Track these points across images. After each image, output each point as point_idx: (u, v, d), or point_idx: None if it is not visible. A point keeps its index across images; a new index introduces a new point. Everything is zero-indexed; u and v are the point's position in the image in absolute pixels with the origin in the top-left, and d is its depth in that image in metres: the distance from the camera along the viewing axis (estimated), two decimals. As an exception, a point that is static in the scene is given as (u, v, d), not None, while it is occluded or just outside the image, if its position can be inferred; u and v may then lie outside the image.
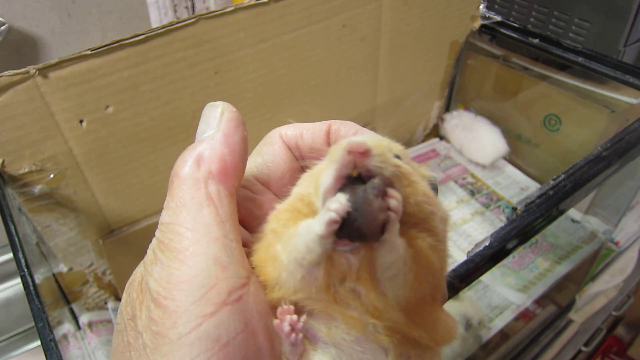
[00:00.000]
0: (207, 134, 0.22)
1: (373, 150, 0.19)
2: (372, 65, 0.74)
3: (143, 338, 0.19)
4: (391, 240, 0.19)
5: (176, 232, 0.20)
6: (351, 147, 0.19)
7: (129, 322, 0.20)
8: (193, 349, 0.18)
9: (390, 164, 0.19)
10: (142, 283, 0.20)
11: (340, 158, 0.19)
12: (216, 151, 0.21)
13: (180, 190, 0.21)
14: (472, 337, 0.65)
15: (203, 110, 0.24)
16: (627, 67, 0.63)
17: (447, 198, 0.86)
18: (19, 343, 0.70)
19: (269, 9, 0.57)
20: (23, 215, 0.53)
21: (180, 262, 0.19)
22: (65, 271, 0.61)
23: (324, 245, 0.19)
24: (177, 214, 0.20)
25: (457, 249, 0.77)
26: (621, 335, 1.21)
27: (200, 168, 0.21)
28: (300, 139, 0.25)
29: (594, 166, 0.47)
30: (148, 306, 0.19)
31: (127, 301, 0.21)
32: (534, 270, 0.74)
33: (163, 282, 0.19)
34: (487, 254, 0.40)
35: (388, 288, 0.19)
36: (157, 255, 0.20)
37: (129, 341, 0.20)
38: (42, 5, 0.70)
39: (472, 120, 0.90)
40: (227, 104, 0.23)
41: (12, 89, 0.46)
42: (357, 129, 0.25)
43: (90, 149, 0.54)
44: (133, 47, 0.50)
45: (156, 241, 0.20)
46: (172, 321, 0.18)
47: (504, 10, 0.88)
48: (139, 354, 0.19)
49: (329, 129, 0.25)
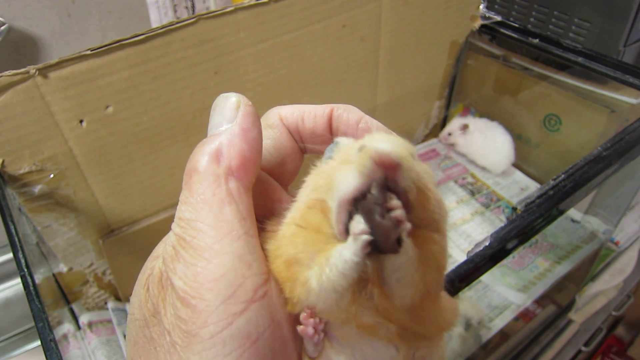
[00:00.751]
0: (224, 128, 0.22)
1: (403, 165, 0.17)
2: (372, 65, 0.74)
3: (172, 336, 0.19)
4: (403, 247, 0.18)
5: (199, 229, 0.20)
6: (381, 159, 0.17)
7: (151, 318, 0.20)
8: (226, 347, 0.18)
9: (418, 180, 0.18)
10: (163, 279, 0.20)
11: (365, 169, 0.18)
12: (235, 146, 0.21)
13: (201, 185, 0.20)
14: (472, 337, 0.65)
15: (216, 101, 0.23)
16: (627, 67, 0.63)
17: (447, 198, 0.86)
18: (19, 343, 0.70)
19: (269, 9, 0.57)
20: (23, 215, 0.53)
21: (205, 261, 0.19)
22: (65, 271, 0.61)
23: (359, 269, 0.18)
24: (198, 210, 0.20)
25: (457, 249, 0.77)
26: (621, 335, 1.21)
27: (220, 163, 0.21)
28: (301, 122, 0.25)
29: (594, 166, 0.47)
30: (174, 304, 0.19)
31: (147, 297, 0.21)
32: (534, 270, 0.74)
33: (190, 281, 0.19)
34: (487, 254, 0.40)
35: (395, 289, 0.19)
36: (180, 253, 0.20)
37: (152, 337, 0.20)
38: (42, 5, 0.70)
39: (485, 128, 0.88)
40: (241, 96, 0.23)
41: (12, 89, 0.46)
42: (360, 115, 0.24)
43: (90, 149, 0.54)
44: (133, 47, 0.50)
45: (176, 237, 0.20)
46: (203, 320, 0.19)
47: (504, 10, 0.88)
48: (168, 351, 0.19)
49: (332, 114, 0.24)
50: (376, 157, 0.17)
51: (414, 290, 0.19)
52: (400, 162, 0.17)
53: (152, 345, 0.20)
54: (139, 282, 0.22)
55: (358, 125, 0.24)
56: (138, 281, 0.22)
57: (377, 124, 0.24)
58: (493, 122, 0.88)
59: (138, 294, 0.22)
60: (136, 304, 0.22)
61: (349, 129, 0.24)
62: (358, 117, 0.24)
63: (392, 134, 0.23)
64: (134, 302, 0.22)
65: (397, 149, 0.18)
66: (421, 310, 0.20)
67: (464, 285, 0.40)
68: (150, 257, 0.23)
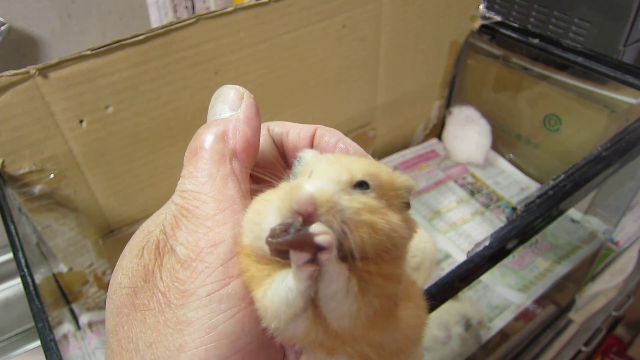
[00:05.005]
0: (228, 114, 0.23)
1: (321, 209, 0.18)
2: (372, 65, 0.74)
3: (167, 297, 0.20)
4: (329, 272, 0.18)
5: (202, 200, 0.21)
6: (299, 207, 0.18)
7: (142, 284, 0.21)
8: (222, 304, 0.20)
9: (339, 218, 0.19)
10: (160, 246, 0.21)
11: (285, 213, 0.19)
12: (241, 131, 0.23)
13: (206, 162, 0.22)
14: (472, 337, 0.65)
15: (219, 90, 0.25)
16: (627, 67, 0.63)
17: (447, 198, 0.86)
18: (19, 343, 0.70)
19: (269, 9, 0.57)
20: (23, 215, 0.53)
21: (207, 229, 0.20)
22: (65, 271, 0.61)
23: (306, 295, 0.19)
24: (202, 183, 0.21)
25: (457, 249, 0.77)
26: (621, 335, 1.21)
27: (226, 144, 0.22)
28: (286, 136, 0.26)
29: (594, 166, 0.47)
30: (173, 267, 0.20)
31: (137, 264, 0.22)
32: (534, 270, 0.74)
33: (191, 245, 0.20)
34: (487, 254, 0.40)
35: (329, 318, 0.19)
36: (181, 221, 0.21)
37: (141, 303, 0.21)
38: (42, 5, 0.70)
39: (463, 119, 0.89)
40: (244, 88, 0.24)
41: (12, 89, 0.46)
42: (339, 137, 0.25)
43: (90, 149, 0.54)
44: (133, 47, 0.50)
45: (177, 207, 0.21)
46: (202, 280, 0.20)
47: (503, 10, 0.88)
48: (160, 311, 0.20)
49: (315, 133, 0.26)
50: (295, 206, 0.18)
51: (351, 320, 0.19)
52: (315, 207, 0.18)
53: (138, 311, 0.21)
54: (130, 253, 0.23)
55: (336, 146, 0.25)
56: (124, 255, 0.23)
57: (355, 145, 0.25)
58: (469, 110, 0.89)
59: (127, 264, 0.22)
60: (126, 273, 0.22)
61: (328, 148, 0.25)
62: (337, 139, 0.25)
63: (367, 156, 0.24)
64: (121, 273, 0.23)
65: (318, 191, 0.18)
66: (373, 330, 0.20)
67: (463, 285, 0.40)
68: (139, 232, 0.24)
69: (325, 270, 0.18)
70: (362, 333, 0.20)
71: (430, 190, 0.87)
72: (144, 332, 0.20)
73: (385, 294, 0.20)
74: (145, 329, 0.20)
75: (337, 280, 0.18)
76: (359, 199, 0.20)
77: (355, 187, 0.20)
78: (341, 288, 0.19)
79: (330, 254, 0.18)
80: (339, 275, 0.19)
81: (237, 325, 0.20)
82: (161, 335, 0.20)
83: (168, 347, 0.20)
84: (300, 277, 0.18)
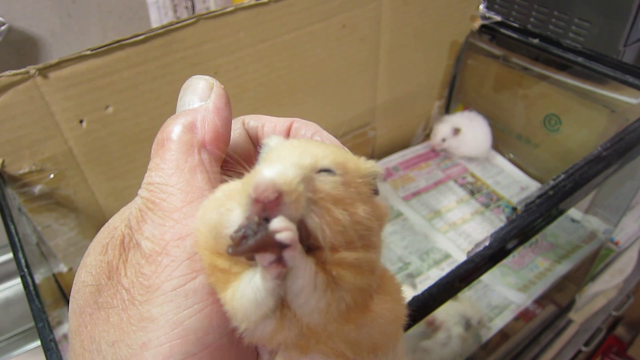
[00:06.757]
0: (198, 105, 0.23)
1: (285, 197, 0.17)
2: (372, 65, 0.74)
3: (131, 293, 0.19)
4: (294, 266, 0.18)
5: (169, 192, 0.20)
6: (258, 194, 0.17)
7: (105, 281, 0.20)
8: (188, 299, 0.19)
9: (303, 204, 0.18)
10: (125, 241, 0.21)
11: (247, 206, 0.17)
12: (210, 122, 0.22)
13: (174, 153, 0.21)
14: (472, 337, 0.65)
15: (188, 81, 0.24)
16: (627, 67, 0.63)
17: (447, 198, 0.86)
18: (19, 343, 0.70)
19: (269, 9, 0.57)
20: (23, 215, 0.53)
21: (173, 221, 0.20)
22: (65, 271, 0.61)
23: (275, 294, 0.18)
24: (169, 175, 0.21)
25: (457, 248, 0.77)
26: (621, 335, 1.21)
27: (194, 135, 0.22)
28: (261, 130, 0.26)
29: (594, 166, 0.47)
30: (137, 262, 0.20)
31: (102, 260, 0.21)
32: (534, 269, 0.74)
33: (157, 239, 0.19)
34: (487, 254, 0.40)
35: (299, 314, 0.19)
36: (147, 214, 0.20)
37: (104, 301, 0.20)
38: (42, 5, 0.70)
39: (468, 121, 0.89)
40: (214, 79, 0.24)
41: (12, 89, 0.46)
42: (316, 130, 0.25)
43: (90, 149, 0.54)
44: (133, 47, 0.50)
45: (143, 200, 0.21)
46: (167, 274, 0.19)
47: (504, 10, 0.88)
48: (124, 309, 0.19)
49: (291, 126, 0.25)
50: (254, 193, 0.17)
51: (321, 315, 0.19)
52: (278, 194, 0.17)
53: (102, 310, 0.20)
54: (94, 250, 0.22)
55: (312, 139, 0.24)
56: (88, 253, 0.22)
57: (332, 139, 0.24)
58: (471, 112, 0.89)
59: (91, 262, 0.22)
60: (89, 271, 0.21)
61: None
62: (314, 131, 0.25)
63: (344, 149, 0.23)
64: (84, 271, 0.22)
65: (279, 176, 0.17)
66: (347, 326, 0.19)
67: (463, 285, 0.40)
68: (104, 229, 0.23)
69: (290, 265, 0.17)
70: (335, 329, 0.19)
71: (430, 190, 0.87)
72: (107, 331, 0.19)
73: (358, 287, 0.19)
74: (109, 327, 0.19)
75: (303, 275, 0.18)
76: (322, 186, 0.19)
77: (320, 173, 0.19)
78: (308, 283, 0.18)
79: (294, 251, 0.17)
80: (305, 270, 0.18)
81: (204, 321, 0.19)
82: (124, 334, 0.19)
83: (131, 346, 0.19)
84: (267, 277, 0.17)
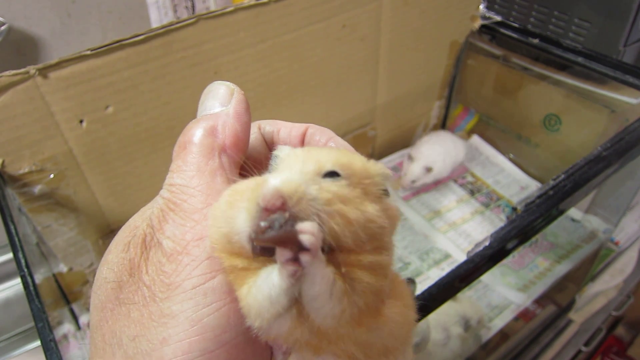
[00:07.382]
0: (218, 110, 0.23)
1: (290, 201, 0.18)
2: (372, 65, 0.74)
3: (152, 290, 0.20)
4: (312, 273, 0.18)
5: (190, 194, 0.21)
6: (266, 203, 0.18)
7: (127, 278, 0.21)
8: (207, 298, 0.19)
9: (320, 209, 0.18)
10: (147, 240, 0.21)
11: (257, 214, 0.18)
12: (230, 126, 0.23)
13: (195, 156, 0.22)
14: (472, 337, 0.65)
15: (209, 87, 0.25)
16: (627, 67, 0.63)
17: (447, 198, 0.86)
18: (19, 343, 0.70)
19: (269, 9, 0.57)
20: (23, 215, 0.53)
21: (194, 222, 0.20)
22: (65, 271, 0.61)
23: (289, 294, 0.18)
24: (190, 177, 0.21)
25: (457, 248, 0.77)
26: (621, 335, 1.21)
27: (215, 139, 0.22)
28: (277, 135, 0.26)
29: (594, 166, 0.47)
30: (159, 261, 0.20)
31: (123, 258, 0.22)
32: (534, 269, 0.74)
33: (178, 239, 0.20)
34: (487, 254, 0.40)
35: (314, 317, 0.19)
36: (168, 215, 0.21)
37: (125, 297, 0.21)
38: (42, 5, 0.70)
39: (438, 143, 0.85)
40: (235, 85, 0.24)
41: (12, 89, 0.46)
42: (330, 136, 0.25)
43: (90, 149, 0.54)
44: (133, 47, 0.50)
45: (165, 201, 0.21)
46: (187, 273, 0.20)
47: (504, 10, 0.88)
48: (145, 305, 0.20)
49: (306, 132, 0.26)
50: (262, 203, 0.18)
51: (334, 320, 0.19)
52: (283, 201, 0.18)
53: (123, 306, 0.21)
54: (116, 248, 0.23)
55: (327, 145, 0.25)
56: (110, 250, 0.23)
57: (345, 144, 0.25)
58: (439, 136, 0.86)
59: (113, 259, 0.22)
60: (111, 267, 0.22)
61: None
62: (328, 138, 0.25)
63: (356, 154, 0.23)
64: (106, 268, 0.22)
65: (285, 184, 0.18)
66: (359, 329, 0.20)
67: (463, 285, 0.40)
68: (125, 227, 0.23)
69: (307, 271, 0.18)
70: (347, 331, 0.19)
71: (429, 190, 0.87)
72: (127, 326, 0.20)
73: (372, 291, 0.19)
74: (129, 322, 0.20)
75: (320, 282, 0.18)
76: (328, 188, 0.19)
77: (325, 177, 0.20)
78: (325, 290, 0.18)
79: (311, 256, 0.17)
80: (323, 277, 0.18)
81: (222, 319, 0.20)
82: (145, 329, 0.20)
83: (151, 340, 0.19)
84: (284, 274, 0.18)
